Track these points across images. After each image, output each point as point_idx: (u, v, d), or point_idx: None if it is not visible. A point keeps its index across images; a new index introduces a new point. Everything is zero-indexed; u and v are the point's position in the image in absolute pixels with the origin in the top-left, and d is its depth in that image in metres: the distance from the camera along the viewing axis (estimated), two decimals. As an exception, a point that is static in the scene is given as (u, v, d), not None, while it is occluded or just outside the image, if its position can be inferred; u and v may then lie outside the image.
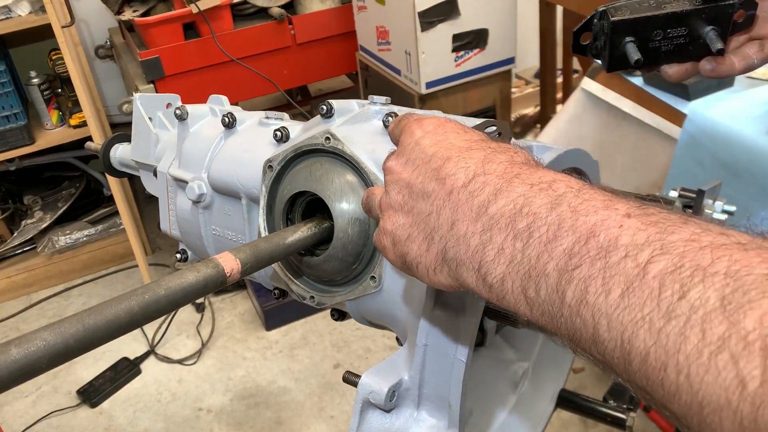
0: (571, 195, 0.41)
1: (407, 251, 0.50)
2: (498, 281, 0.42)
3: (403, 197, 0.50)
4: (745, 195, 1.57)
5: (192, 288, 0.57)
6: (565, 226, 0.39)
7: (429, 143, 0.50)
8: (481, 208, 0.44)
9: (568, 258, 0.38)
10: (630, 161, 1.95)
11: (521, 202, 0.42)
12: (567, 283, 0.38)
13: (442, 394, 0.64)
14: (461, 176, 0.46)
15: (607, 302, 0.36)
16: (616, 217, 0.38)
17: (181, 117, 0.90)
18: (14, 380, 0.46)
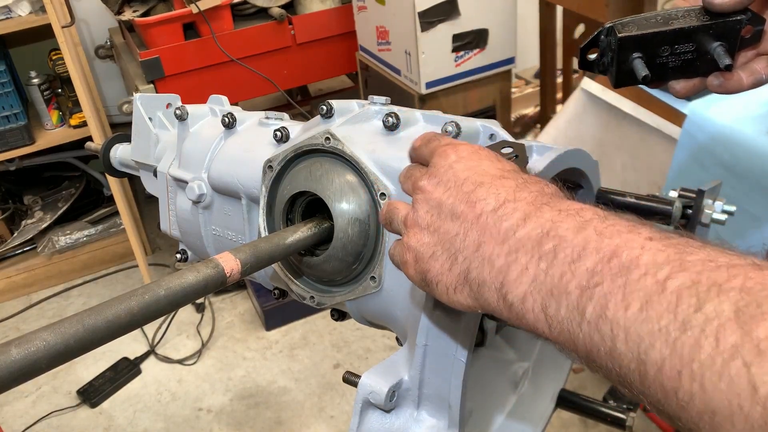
0: (597, 220, 0.42)
1: (429, 269, 0.50)
2: (519, 300, 0.44)
3: (432, 216, 0.51)
4: (745, 195, 1.57)
5: (192, 288, 0.57)
6: (590, 248, 0.41)
7: (462, 168, 0.51)
8: (509, 232, 0.45)
9: (590, 276, 0.40)
10: (630, 161, 1.95)
11: (548, 227, 0.43)
12: (588, 299, 0.39)
13: (442, 394, 0.64)
14: (492, 201, 0.47)
15: (626, 316, 0.37)
16: (638, 240, 0.40)
17: (181, 117, 0.90)
18: (14, 380, 0.46)
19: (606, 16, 2.17)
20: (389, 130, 0.72)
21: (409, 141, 0.69)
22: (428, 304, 0.63)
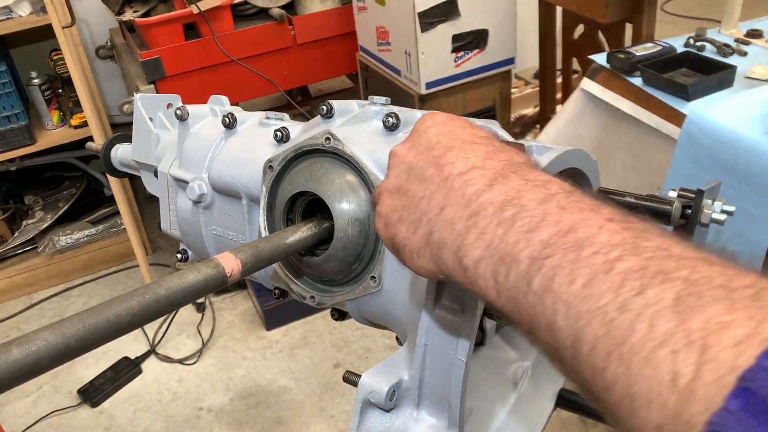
0: (562, 195, 0.42)
1: (396, 233, 0.51)
2: (473, 264, 0.43)
3: (400, 180, 0.51)
4: (745, 195, 1.57)
5: (192, 288, 0.57)
6: (549, 220, 0.40)
7: (435, 133, 0.51)
8: (473, 196, 0.45)
9: (543, 247, 0.39)
10: (630, 161, 1.95)
11: (513, 194, 0.43)
12: (537, 270, 0.39)
13: (442, 393, 0.64)
14: (460, 165, 0.47)
15: (569, 291, 0.37)
16: (598, 219, 0.40)
17: (182, 117, 0.90)
18: (15, 380, 0.46)
19: (606, 17, 2.17)
20: (389, 130, 0.72)
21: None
22: (428, 304, 0.63)
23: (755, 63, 1.85)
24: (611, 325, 0.34)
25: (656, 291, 0.34)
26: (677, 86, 1.76)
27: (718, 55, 1.92)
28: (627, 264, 0.36)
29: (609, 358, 0.34)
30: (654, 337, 0.32)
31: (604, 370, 0.34)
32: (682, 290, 0.33)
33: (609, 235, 0.38)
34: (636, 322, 0.33)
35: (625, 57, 1.92)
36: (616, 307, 0.35)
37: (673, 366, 0.31)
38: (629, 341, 0.33)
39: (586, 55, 2.24)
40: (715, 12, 2.87)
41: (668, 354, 0.32)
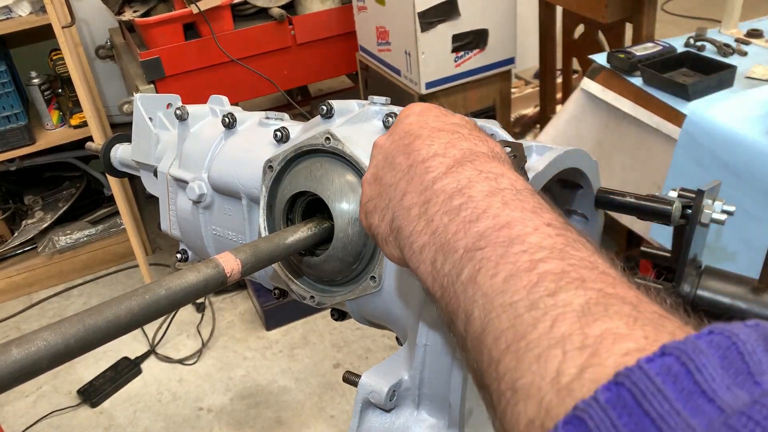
0: (510, 192, 0.43)
1: (371, 222, 0.52)
2: (418, 249, 0.44)
3: (377, 169, 0.52)
4: (745, 195, 1.57)
5: (192, 288, 0.57)
6: (489, 213, 0.41)
7: (410, 122, 0.52)
8: (429, 183, 0.46)
9: (477, 239, 0.40)
10: (630, 161, 1.95)
11: (464, 184, 0.44)
12: (468, 260, 0.40)
13: (442, 394, 0.64)
14: (423, 152, 0.48)
15: (490, 284, 0.38)
16: (537, 220, 0.40)
17: (182, 117, 0.90)
18: (15, 380, 0.46)
19: (606, 17, 2.17)
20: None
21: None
22: (428, 304, 0.63)
23: (755, 63, 1.85)
24: (516, 320, 0.35)
25: (568, 295, 0.35)
26: (677, 86, 1.76)
27: (718, 55, 1.92)
28: (549, 266, 0.37)
29: (507, 350, 0.35)
30: (551, 337, 0.33)
31: (499, 361, 0.35)
32: (591, 299, 0.34)
33: (541, 238, 0.39)
34: (540, 320, 0.34)
35: (625, 57, 1.92)
36: (526, 305, 0.35)
37: (559, 365, 0.32)
38: (528, 337, 0.34)
39: (586, 55, 2.23)
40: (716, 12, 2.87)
41: (559, 354, 0.32)
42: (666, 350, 0.29)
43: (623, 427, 0.28)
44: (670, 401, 0.28)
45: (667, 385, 0.28)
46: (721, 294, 0.88)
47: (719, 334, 0.30)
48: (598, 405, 0.29)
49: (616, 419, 0.28)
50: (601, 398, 0.29)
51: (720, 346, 0.29)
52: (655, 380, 0.28)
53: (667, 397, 0.28)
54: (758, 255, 0.93)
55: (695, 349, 0.29)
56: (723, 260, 1.64)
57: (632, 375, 0.29)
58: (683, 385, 0.28)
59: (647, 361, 0.29)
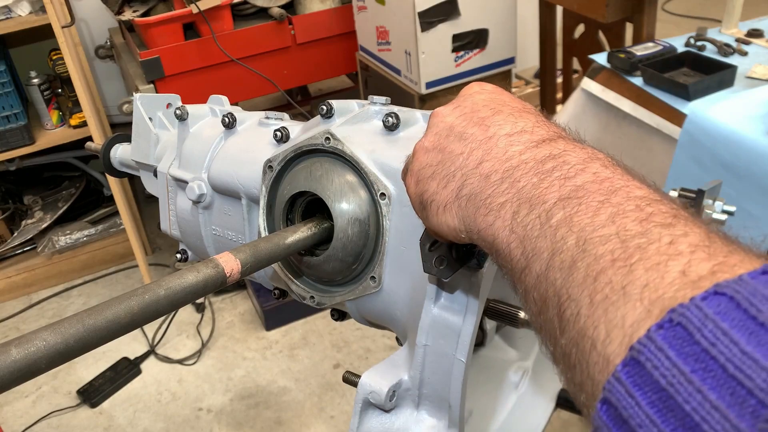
0: (608, 161, 0.42)
1: (426, 188, 0.50)
2: (497, 207, 0.43)
3: (439, 138, 0.50)
4: (745, 195, 1.57)
5: (192, 288, 0.57)
6: (589, 171, 0.40)
7: (483, 98, 0.51)
8: (516, 153, 0.44)
9: (574, 189, 0.39)
10: (630, 161, 1.93)
11: (557, 152, 0.43)
12: (561, 207, 0.38)
13: (442, 394, 0.64)
14: (508, 128, 0.47)
15: (591, 221, 0.36)
16: (638, 182, 0.39)
17: (182, 117, 0.90)
18: (14, 380, 0.46)
19: (606, 16, 2.17)
20: (389, 130, 0.72)
21: (409, 141, 0.69)
22: (428, 304, 0.63)
23: (756, 63, 1.85)
24: (626, 243, 0.34)
25: (685, 228, 0.34)
26: (678, 86, 1.76)
27: (718, 54, 1.92)
28: (658, 207, 0.35)
29: (611, 264, 0.34)
30: (671, 251, 0.32)
31: (599, 275, 0.34)
32: (711, 233, 0.33)
33: (646, 193, 0.38)
34: (654, 241, 0.33)
35: (625, 57, 1.92)
36: (638, 231, 0.34)
37: (685, 267, 0.31)
38: (642, 252, 0.33)
39: (586, 54, 2.23)
40: (716, 12, 2.86)
41: (684, 259, 0.32)
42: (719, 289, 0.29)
43: (730, 329, 0.28)
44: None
45: (725, 318, 0.28)
46: (721, 294, 0.88)
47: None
48: (751, 286, 0.29)
49: (723, 323, 0.28)
50: (754, 282, 0.29)
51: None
52: (763, 291, 0.28)
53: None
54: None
55: (749, 287, 0.29)
56: (723, 260, 1.63)
57: (738, 285, 0.29)
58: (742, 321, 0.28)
59: (751, 276, 0.29)
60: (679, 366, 0.28)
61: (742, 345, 0.27)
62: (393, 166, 0.68)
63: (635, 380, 0.29)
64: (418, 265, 0.58)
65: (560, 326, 0.35)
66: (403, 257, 0.69)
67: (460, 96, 0.53)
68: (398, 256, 0.69)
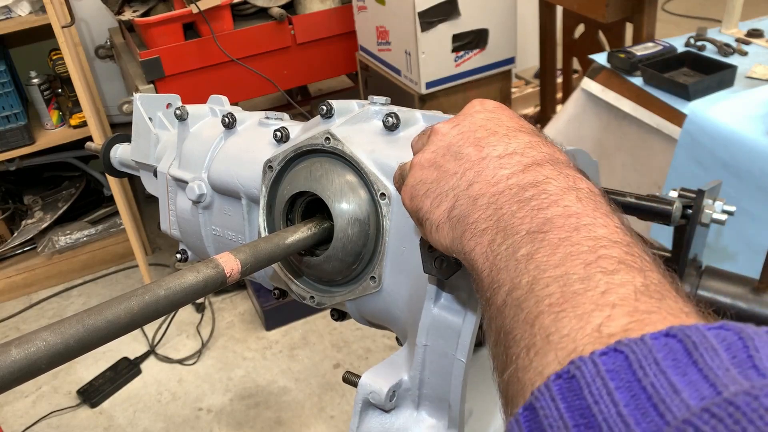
0: (586, 193, 0.43)
1: (420, 206, 0.51)
2: (479, 232, 0.45)
3: (436, 156, 0.52)
4: (745, 195, 1.57)
5: (192, 288, 0.57)
6: (561, 204, 0.42)
7: (482, 117, 0.52)
8: (503, 178, 0.46)
9: (543, 223, 0.41)
10: (630, 161, 1.95)
11: (541, 179, 0.44)
12: (529, 241, 0.40)
13: (442, 394, 0.64)
14: (500, 149, 0.48)
15: (547, 259, 0.38)
16: (607, 220, 0.41)
17: (181, 117, 0.90)
18: (14, 380, 0.46)
19: (606, 16, 2.17)
20: (389, 130, 0.72)
21: (409, 141, 0.69)
22: (428, 304, 0.63)
23: (756, 63, 1.85)
24: (566, 287, 0.36)
25: (626, 276, 0.35)
26: (678, 86, 1.76)
27: (718, 54, 1.92)
28: (610, 252, 0.37)
29: (549, 309, 0.36)
30: (600, 302, 0.34)
31: (537, 317, 0.36)
32: (650, 285, 0.35)
33: (608, 232, 0.39)
34: (591, 289, 0.35)
35: (625, 57, 1.92)
36: (580, 277, 0.36)
37: (603, 321, 0.33)
38: (574, 300, 0.35)
39: (586, 54, 2.23)
40: (716, 12, 2.86)
41: (605, 313, 0.33)
42: (725, 326, 0.30)
43: (667, 367, 0.29)
44: (723, 360, 0.29)
45: (722, 347, 0.29)
46: (721, 294, 0.88)
47: (730, 329, 0.30)
48: (644, 344, 0.30)
49: (661, 359, 0.29)
50: (649, 341, 0.30)
51: (725, 339, 0.30)
52: (711, 340, 0.29)
53: (720, 356, 0.29)
54: (758, 255, 0.93)
55: (756, 333, 0.30)
56: (723, 260, 1.64)
57: (688, 330, 0.30)
58: (736, 353, 0.29)
59: (706, 327, 0.30)
60: (565, 418, 0.30)
61: (620, 407, 0.29)
62: (393, 166, 0.68)
63: (530, 425, 0.31)
64: (418, 265, 0.59)
65: (506, 362, 0.38)
66: (403, 257, 0.69)
67: (461, 114, 0.54)
68: (398, 256, 0.69)
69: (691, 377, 0.28)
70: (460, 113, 0.55)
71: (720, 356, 0.29)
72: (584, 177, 0.46)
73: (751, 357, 0.29)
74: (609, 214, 0.41)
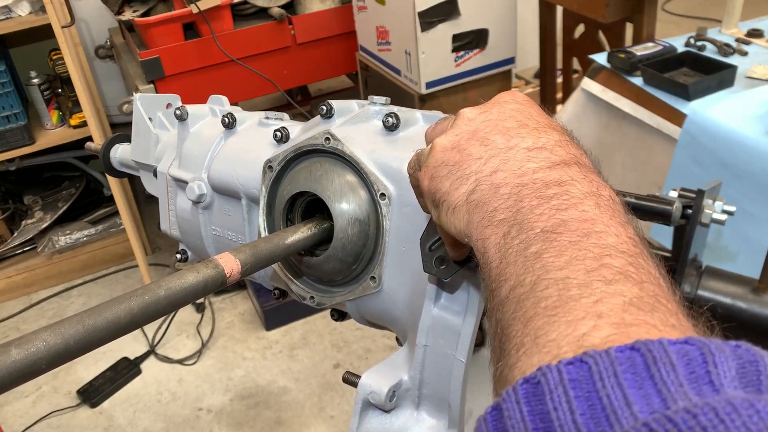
0: (607, 200, 0.43)
1: (439, 187, 0.50)
2: (497, 222, 0.44)
3: (460, 139, 0.51)
4: (745, 195, 1.57)
5: (192, 288, 0.57)
6: (579, 208, 0.42)
7: (512, 108, 0.52)
8: (529, 170, 0.45)
9: (558, 224, 0.41)
10: (630, 161, 1.95)
11: (566, 179, 0.44)
12: (541, 240, 0.41)
13: (442, 394, 0.64)
14: (529, 141, 0.48)
15: (553, 261, 0.39)
16: (620, 230, 0.41)
17: (181, 117, 0.90)
18: (14, 381, 0.46)
19: (606, 16, 2.17)
20: (389, 130, 0.72)
21: (409, 141, 0.69)
22: (428, 304, 0.63)
23: (756, 63, 1.85)
24: (564, 292, 0.37)
25: (622, 287, 0.36)
26: (678, 86, 1.76)
27: (718, 54, 1.92)
28: (614, 261, 0.38)
29: (543, 311, 0.37)
30: (591, 310, 0.35)
31: (531, 319, 0.37)
32: (643, 297, 0.36)
33: (618, 242, 0.40)
34: (585, 296, 0.36)
35: (625, 57, 1.92)
36: (579, 282, 0.37)
37: (588, 331, 0.34)
38: (568, 306, 0.36)
39: (586, 54, 2.23)
40: (716, 12, 2.86)
41: (592, 323, 0.34)
42: (690, 341, 0.31)
43: (625, 380, 0.30)
44: (678, 375, 0.30)
45: (680, 363, 0.30)
46: (721, 294, 0.88)
47: (745, 349, 0.31)
48: (608, 357, 0.31)
49: (620, 372, 0.30)
50: (613, 353, 0.31)
51: (742, 357, 0.31)
52: (671, 356, 0.30)
53: (676, 371, 0.30)
54: (758, 255, 0.93)
55: (719, 348, 0.31)
56: (723, 260, 1.64)
57: (651, 345, 0.31)
58: (694, 369, 0.30)
59: (670, 342, 0.31)
60: (526, 422, 0.31)
61: (576, 415, 0.30)
62: (393, 166, 0.68)
63: (495, 425, 0.33)
64: (418, 265, 0.58)
65: (500, 355, 0.39)
66: (403, 257, 0.69)
67: (490, 102, 0.54)
68: (398, 256, 0.69)
69: (646, 390, 0.30)
70: (489, 102, 0.54)
71: (676, 371, 0.30)
72: (607, 185, 0.46)
73: (708, 373, 0.30)
74: (624, 224, 0.42)
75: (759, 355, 0.31)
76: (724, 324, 0.82)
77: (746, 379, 0.30)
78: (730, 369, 0.30)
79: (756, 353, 0.31)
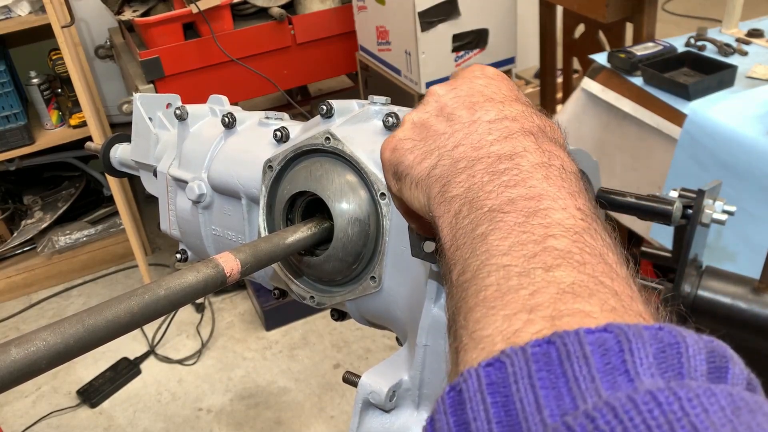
0: (557, 170, 0.42)
1: (402, 160, 0.50)
2: (449, 198, 0.44)
3: (428, 116, 0.51)
4: (745, 195, 1.57)
5: (192, 288, 0.57)
6: (527, 184, 0.41)
7: (481, 84, 0.51)
8: (486, 143, 0.45)
9: (506, 203, 0.40)
10: (630, 161, 1.94)
11: (518, 151, 0.43)
12: (488, 220, 0.40)
13: (442, 394, 0.64)
14: (492, 114, 0.47)
15: (497, 245, 0.38)
16: (568, 202, 0.40)
17: (181, 117, 0.90)
18: (14, 380, 0.46)
19: (606, 16, 2.17)
20: (389, 130, 0.72)
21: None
22: (428, 304, 0.63)
23: (756, 62, 1.85)
24: (503, 282, 0.36)
25: (561, 273, 0.35)
26: (678, 86, 1.76)
27: (718, 54, 1.92)
28: (557, 243, 0.37)
29: (482, 303, 0.35)
30: (526, 303, 0.34)
31: (470, 311, 0.36)
32: (582, 282, 0.34)
33: (564, 217, 0.39)
34: (523, 287, 0.34)
35: (625, 56, 1.92)
36: (519, 271, 0.36)
37: (521, 327, 0.32)
38: (506, 298, 0.34)
39: (586, 54, 2.23)
40: (716, 11, 2.86)
41: (525, 318, 0.33)
42: (609, 327, 0.30)
43: (538, 380, 0.29)
44: (591, 368, 0.28)
45: (594, 355, 0.29)
46: (721, 294, 0.88)
47: (667, 331, 0.30)
48: (524, 355, 0.29)
49: (534, 371, 0.29)
50: (529, 350, 0.29)
51: (662, 341, 0.29)
52: (585, 348, 0.29)
53: (589, 364, 0.28)
54: (758, 255, 0.93)
55: (637, 334, 0.29)
56: (723, 260, 1.64)
57: (566, 337, 0.29)
58: (610, 359, 0.29)
59: (587, 331, 0.29)
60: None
61: (492, 425, 0.29)
62: (393, 166, 0.68)
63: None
64: (419, 265, 0.58)
65: (452, 342, 0.38)
66: (404, 257, 0.69)
67: (460, 77, 0.53)
68: (398, 256, 0.69)
69: (558, 390, 0.28)
70: (459, 76, 0.54)
71: (589, 365, 0.28)
72: (564, 152, 0.46)
73: (624, 362, 0.28)
74: (573, 194, 0.41)
75: (680, 336, 0.30)
76: (724, 324, 0.82)
77: (666, 363, 0.29)
78: (647, 355, 0.29)
79: (677, 334, 0.30)
